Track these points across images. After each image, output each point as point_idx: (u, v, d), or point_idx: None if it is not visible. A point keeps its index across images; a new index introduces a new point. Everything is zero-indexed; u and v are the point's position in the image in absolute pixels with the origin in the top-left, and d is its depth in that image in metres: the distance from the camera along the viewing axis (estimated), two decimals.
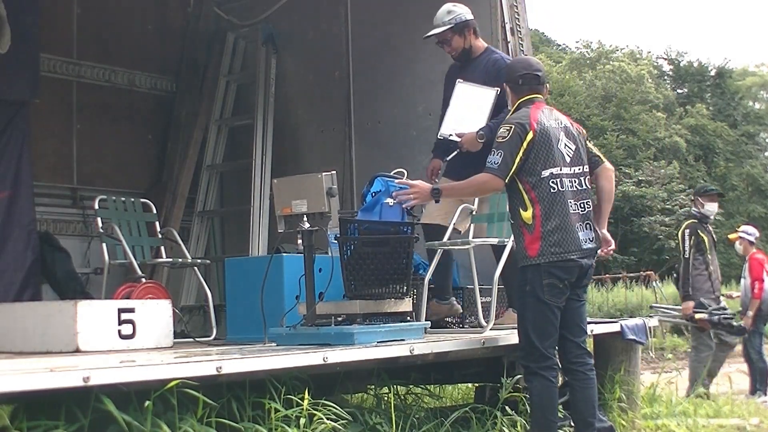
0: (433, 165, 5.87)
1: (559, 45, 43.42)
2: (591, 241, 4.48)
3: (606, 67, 36.64)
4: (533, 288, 4.39)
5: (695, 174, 34.21)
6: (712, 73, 39.23)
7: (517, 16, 6.75)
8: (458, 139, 5.53)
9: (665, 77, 40.32)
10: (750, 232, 10.04)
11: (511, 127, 4.43)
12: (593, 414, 4.53)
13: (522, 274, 4.48)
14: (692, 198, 9.75)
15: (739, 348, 9.60)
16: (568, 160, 4.50)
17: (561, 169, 4.44)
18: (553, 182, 4.41)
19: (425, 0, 6.12)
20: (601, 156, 4.77)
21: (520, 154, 4.39)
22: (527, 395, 4.73)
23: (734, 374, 7.97)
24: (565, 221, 4.39)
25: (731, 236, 10.62)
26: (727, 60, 50.36)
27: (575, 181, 4.50)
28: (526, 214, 4.42)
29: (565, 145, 4.52)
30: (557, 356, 4.55)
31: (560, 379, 4.75)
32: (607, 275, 24.08)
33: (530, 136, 4.40)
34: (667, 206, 29.89)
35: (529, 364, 4.47)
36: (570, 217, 4.41)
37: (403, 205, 4.80)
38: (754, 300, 9.44)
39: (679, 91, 39.39)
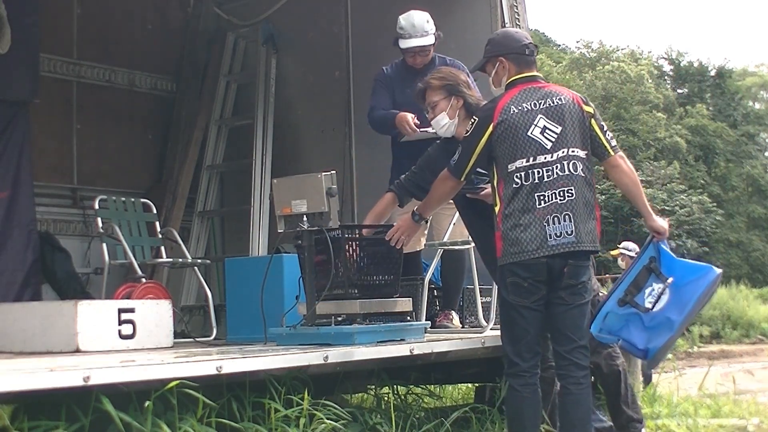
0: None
1: (559, 45, 43.44)
2: (569, 234, 3.91)
3: (606, 67, 36.66)
4: (500, 288, 4.15)
5: (695, 174, 34.24)
6: (712, 73, 39.29)
7: (517, 16, 6.74)
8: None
9: (665, 77, 40.36)
10: (630, 248, 10.70)
11: (475, 120, 4.13)
12: None
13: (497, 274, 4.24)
14: None
15: (734, 348, 9.70)
16: (548, 145, 3.99)
17: (534, 159, 3.97)
18: (517, 176, 3.97)
19: (425, 0, 6.11)
20: (608, 146, 4.10)
21: (479, 149, 4.06)
22: None
23: (737, 374, 7.97)
24: (526, 217, 3.93)
25: (613, 252, 11.37)
26: (727, 60, 50.61)
27: (557, 167, 3.97)
28: (496, 210, 4.09)
29: (545, 128, 4.00)
30: (539, 362, 4.11)
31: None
32: (608, 275, 24.05)
33: (490, 129, 4.04)
34: (668, 207, 29.89)
35: (505, 370, 4.11)
36: (536, 212, 3.93)
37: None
38: None
39: (679, 91, 39.43)
